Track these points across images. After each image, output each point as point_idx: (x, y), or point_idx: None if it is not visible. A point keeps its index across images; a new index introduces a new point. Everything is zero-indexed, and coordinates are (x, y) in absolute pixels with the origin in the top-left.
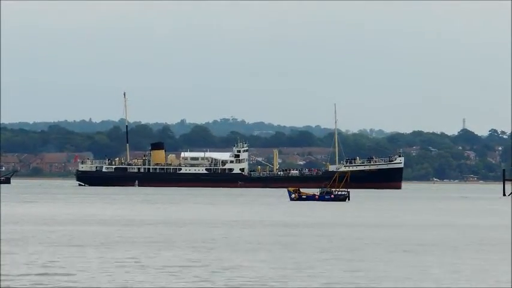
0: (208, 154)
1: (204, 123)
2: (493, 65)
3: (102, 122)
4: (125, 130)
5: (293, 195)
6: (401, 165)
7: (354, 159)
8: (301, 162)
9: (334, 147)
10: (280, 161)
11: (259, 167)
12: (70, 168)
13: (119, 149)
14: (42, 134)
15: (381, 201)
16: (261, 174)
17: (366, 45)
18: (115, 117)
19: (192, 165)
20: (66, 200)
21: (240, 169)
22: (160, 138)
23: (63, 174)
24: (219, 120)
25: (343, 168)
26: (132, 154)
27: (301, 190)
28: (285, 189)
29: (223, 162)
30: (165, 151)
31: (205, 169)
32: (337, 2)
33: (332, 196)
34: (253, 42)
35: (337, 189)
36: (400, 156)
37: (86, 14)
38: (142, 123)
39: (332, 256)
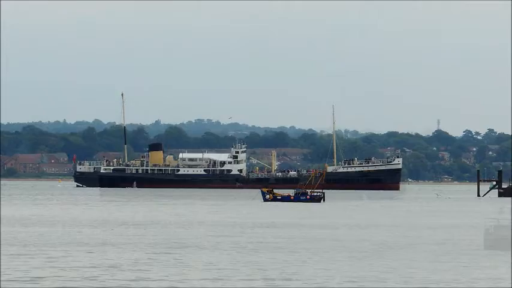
0: (207, 155)
1: (178, 123)
2: (470, 67)
3: (77, 122)
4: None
5: (267, 196)
6: (400, 166)
7: (352, 160)
8: (276, 163)
9: (332, 148)
10: (255, 162)
11: (257, 168)
12: (44, 168)
13: (93, 149)
14: (16, 135)
15: (357, 202)
16: (260, 175)
17: (342, 45)
18: (89, 118)
19: (190, 166)
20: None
21: (238, 170)
22: (135, 139)
23: (38, 175)
24: (193, 121)
25: (341, 169)
26: (107, 155)
27: (276, 191)
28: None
29: (222, 163)
30: (163, 152)
31: (204, 170)
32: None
33: (308, 197)
34: (228, 43)
35: (313, 190)
36: (398, 157)
37: (67, 12)
38: (117, 123)
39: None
